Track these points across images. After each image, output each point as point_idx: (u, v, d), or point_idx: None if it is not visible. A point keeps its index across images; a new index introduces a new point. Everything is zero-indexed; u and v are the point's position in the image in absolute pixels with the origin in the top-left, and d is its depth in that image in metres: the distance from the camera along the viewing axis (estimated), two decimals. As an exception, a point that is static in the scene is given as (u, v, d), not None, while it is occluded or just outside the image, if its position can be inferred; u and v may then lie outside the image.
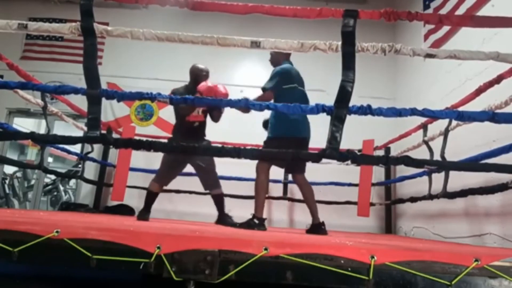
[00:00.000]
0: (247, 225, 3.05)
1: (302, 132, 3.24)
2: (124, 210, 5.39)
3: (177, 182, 5.38)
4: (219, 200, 3.71)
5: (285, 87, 3.21)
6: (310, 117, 2.33)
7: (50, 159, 8.71)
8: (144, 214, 3.60)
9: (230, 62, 6.17)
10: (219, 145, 2.26)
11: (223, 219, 3.60)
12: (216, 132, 5.37)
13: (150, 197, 3.71)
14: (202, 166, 3.62)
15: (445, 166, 2.78)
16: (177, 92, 3.65)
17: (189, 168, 5.33)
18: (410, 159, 2.08)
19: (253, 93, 3.34)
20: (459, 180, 3.14)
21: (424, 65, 4.84)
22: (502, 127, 2.32)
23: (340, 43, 1.99)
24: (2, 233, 1.38)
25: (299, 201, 5.35)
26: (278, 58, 3.38)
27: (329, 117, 2.01)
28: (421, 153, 3.61)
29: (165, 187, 5.40)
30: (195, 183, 5.35)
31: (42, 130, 7.60)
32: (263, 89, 3.28)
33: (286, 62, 3.38)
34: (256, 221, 3.06)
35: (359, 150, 4.79)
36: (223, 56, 5.98)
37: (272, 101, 3.21)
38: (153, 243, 1.34)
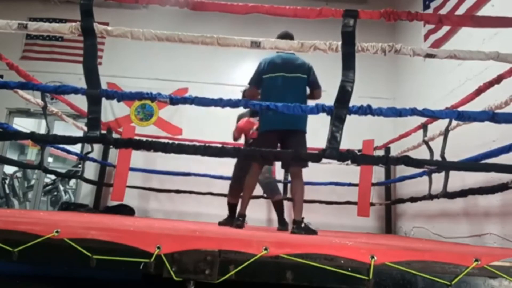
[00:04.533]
0: (224, 221, 3.16)
1: (274, 125, 3.10)
2: (124, 210, 5.40)
3: (177, 182, 5.42)
4: (277, 207, 3.78)
5: (265, 77, 3.19)
6: (311, 117, 2.32)
7: (50, 159, 8.70)
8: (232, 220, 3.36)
9: (230, 62, 6.18)
10: (219, 145, 2.26)
11: (282, 223, 3.69)
12: (216, 132, 5.40)
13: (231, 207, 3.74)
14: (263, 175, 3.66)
15: (445, 166, 2.78)
16: (241, 116, 3.87)
17: (189, 168, 5.37)
18: (410, 159, 2.08)
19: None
20: (459, 180, 3.14)
21: (424, 65, 4.84)
22: (502, 127, 2.32)
23: (340, 43, 1.99)
24: (2, 233, 1.38)
25: (299, 201, 5.35)
26: None
27: (329, 117, 2.02)
28: (421, 153, 3.62)
29: (166, 187, 5.45)
30: (195, 183, 5.39)
31: (42, 130, 7.59)
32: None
33: (279, 52, 3.29)
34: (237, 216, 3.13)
35: (359, 150, 4.79)
36: (223, 56, 5.98)
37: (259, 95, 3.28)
38: (153, 243, 1.33)
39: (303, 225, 2.94)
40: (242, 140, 3.92)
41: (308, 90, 3.28)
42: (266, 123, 3.15)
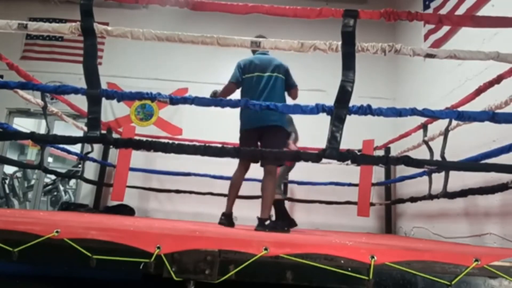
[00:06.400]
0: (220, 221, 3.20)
1: (250, 123, 3.26)
2: (124, 210, 5.40)
3: (177, 182, 5.42)
4: (276, 206, 3.78)
5: (244, 77, 3.37)
6: (311, 117, 2.31)
7: (50, 159, 8.70)
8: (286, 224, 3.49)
9: (230, 62, 6.16)
10: (219, 145, 2.26)
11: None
12: (216, 132, 5.41)
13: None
14: None
15: (445, 166, 2.78)
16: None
17: (189, 168, 5.37)
18: (410, 159, 2.08)
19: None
20: (459, 180, 3.14)
21: (424, 65, 4.84)
22: (502, 127, 2.32)
23: (340, 43, 1.99)
24: (2, 233, 1.38)
25: (299, 201, 5.36)
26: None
27: (329, 117, 2.02)
28: (421, 153, 3.61)
29: (166, 187, 5.46)
30: (195, 183, 5.39)
31: (42, 130, 7.60)
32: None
33: (256, 54, 3.49)
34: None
35: (359, 150, 4.79)
36: (223, 56, 5.98)
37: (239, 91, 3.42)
38: (153, 243, 1.33)
39: (266, 223, 3.00)
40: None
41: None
42: (243, 122, 3.32)
